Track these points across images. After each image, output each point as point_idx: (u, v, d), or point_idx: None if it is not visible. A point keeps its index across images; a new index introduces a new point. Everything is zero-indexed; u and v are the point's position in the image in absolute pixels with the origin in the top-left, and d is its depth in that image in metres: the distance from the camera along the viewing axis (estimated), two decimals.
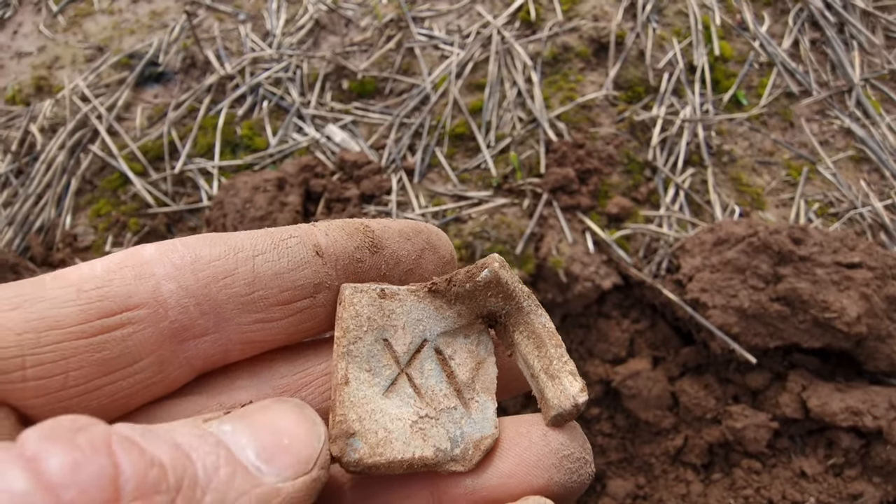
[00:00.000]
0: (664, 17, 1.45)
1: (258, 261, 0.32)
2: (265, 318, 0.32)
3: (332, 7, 1.49)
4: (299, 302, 0.33)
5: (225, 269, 0.31)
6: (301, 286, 0.33)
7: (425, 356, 0.35)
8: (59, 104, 1.40)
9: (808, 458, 0.96)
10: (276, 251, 0.32)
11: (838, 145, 1.33)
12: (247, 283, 0.31)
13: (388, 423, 0.32)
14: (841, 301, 0.88)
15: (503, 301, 0.35)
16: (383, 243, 0.35)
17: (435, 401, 0.34)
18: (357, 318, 0.34)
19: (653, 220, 1.20)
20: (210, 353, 0.32)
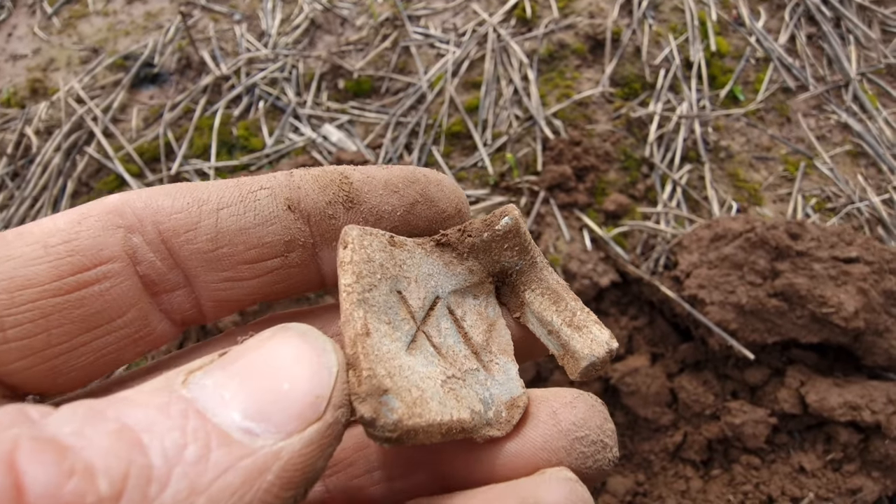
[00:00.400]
0: (660, 14, 1.44)
1: (222, 214, 0.29)
2: (233, 277, 0.29)
3: (328, 6, 1.49)
4: (269, 261, 0.30)
5: (187, 222, 0.28)
6: (269, 243, 0.29)
7: (440, 314, 0.31)
8: (54, 106, 1.40)
9: (806, 454, 0.96)
10: (243, 204, 0.29)
11: (835, 140, 1.32)
12: (209, 239, 0.28)
13: (420, 381, 0.27)
14: (838, 296, 0.88)
15: (518, 255, 0.32)
16: (361, 197, 0.31)
17: (457, 362, 0.30)
18: (370, 263, 0.29)
19: (650, 216, 1.20)
20: (185, 308, 0.30)
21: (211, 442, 0.20)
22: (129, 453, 0.18)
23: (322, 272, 0.32)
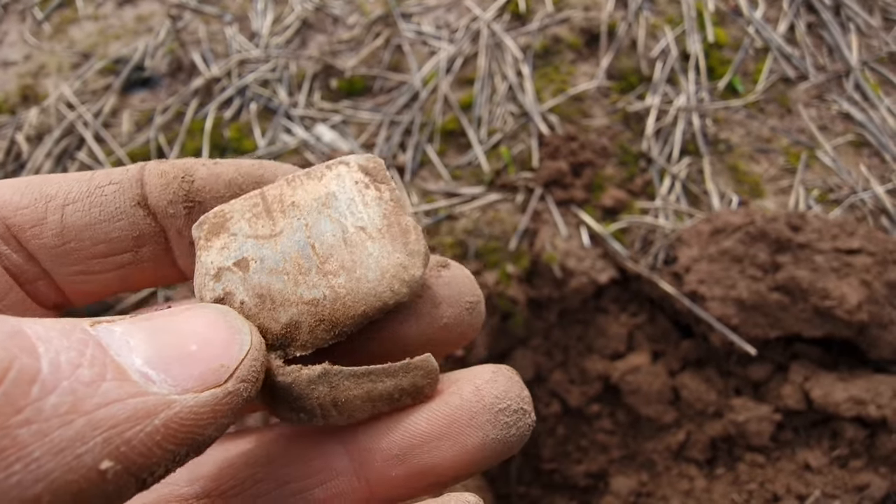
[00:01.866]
0: (656, 6, 1.42)
1: (68, 210, 0.29)
2: (85, 271, 0.29)
3: (319, 6, 1.47)
4: (119, 256, 0.30)
5: (33, 217, 0.28)
6: (116, 238, 0.29)
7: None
8: (44, 112, 1.39)
9: (812, 450, 0.94)
10: (89, 199, 0.29)
11: (837, 130, 1.30)
12: (55, 234, 0.28)
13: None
14: (841, 288, 0.86)
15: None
16: (202, 196, 0.30)
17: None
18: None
19: (649, 211, 1.18)
20: (52, 297, 0.30)
21: (106, 372, 0.19)
22: (19, 352, 0.17)
23: (178, 265, 0.32)
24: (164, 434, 0.20)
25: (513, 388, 0.29)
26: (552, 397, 1.15)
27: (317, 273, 0.28)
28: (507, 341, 1.15)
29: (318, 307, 0.28)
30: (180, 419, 0.20)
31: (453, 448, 0.28)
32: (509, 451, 0.29)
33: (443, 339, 0.31)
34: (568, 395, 1.14)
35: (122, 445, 0.18)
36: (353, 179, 0.30)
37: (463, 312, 0.31)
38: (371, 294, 0.28)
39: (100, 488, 0.18)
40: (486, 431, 0.28)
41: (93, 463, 0.18)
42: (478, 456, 0.28)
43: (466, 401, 0.29)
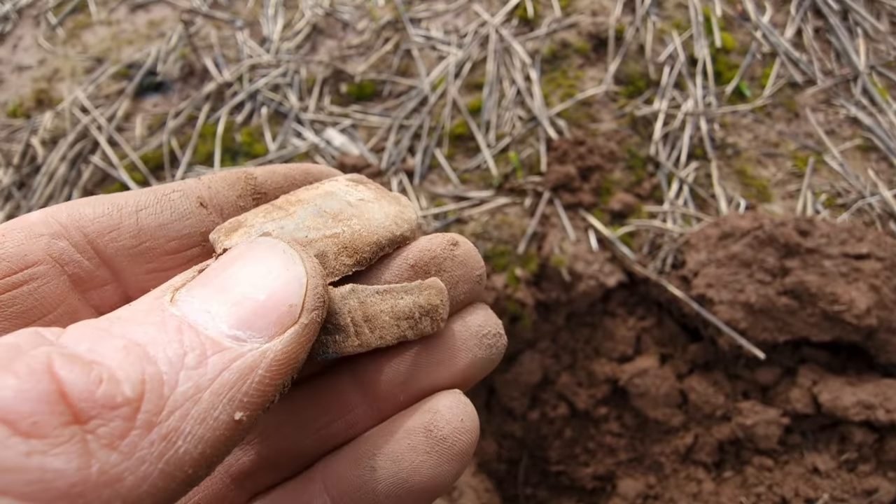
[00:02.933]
0: (664, 10, 1.43)
1: (142, 215, 0.33)
2: (158, 268, 0.33)
3: (329, 11, 1.49)
4: (189, 251, 0.34)
5: (110, 224, 0.32)
6: (187, 235, 0.33)
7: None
8: (59, 116, 1.41)
9: (820, 454, 0.94)
10: (160, 205, 0.33)
11: (845, 134, 1.30)
12: (133, 236, 0.32)
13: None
14: (850, 293, 0.87)
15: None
16: (266, 189, 0.36)
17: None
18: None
19: (657, 215, 1.19)
20: (114, 302, 0.33)
21: (206, 350, 0.24)
22: (142, 363, 0.22)
23: None
24: (270, 377, 0.24)
25: (490, 318, 0.36)
26: (560, 400, 1.16)
27: (333, 221, 0.34)
28: (515, 344, 1.16)
29: (339, 238, 0.33)
30: (277, 362, 0.25)
31: (449, 369, 0.34)
32: (491, 366, 0.36)
33: (460, 304, 0.37)
34: (575, 397, 1.14)
35: (243, 398, 0.23)
36: (344, 183, 0.38)
37: (475, 285, 0.37)
38: (381, 227, 0.35)
39: (238, 431, 0.24)
40: (474, 353, 0.35)
41: (228, 418, 0.23)
42: (468, 372, 0.35)
43: (456, 331, 0.35)
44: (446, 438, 0.32)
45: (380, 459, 0.32)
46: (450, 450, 0.32)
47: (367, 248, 0.34)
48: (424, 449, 0.32)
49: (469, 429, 0.33)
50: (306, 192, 0.36)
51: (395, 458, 0.32)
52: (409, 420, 0.33)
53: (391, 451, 0.32)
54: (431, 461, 0.32)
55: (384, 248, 0.34)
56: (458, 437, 0.32)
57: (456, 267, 0.36)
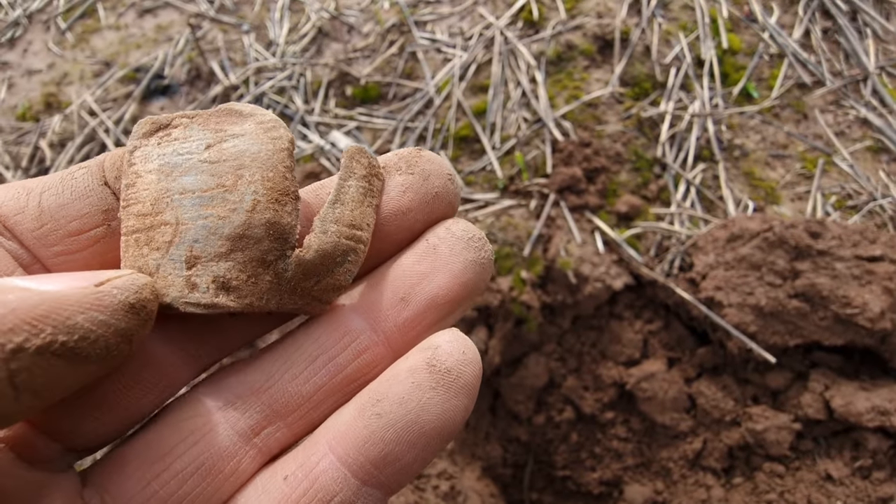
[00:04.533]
0: (669, 12, 1.42)
1: (44, 196, 0.33)
2: (64, 251, 0.33)
3: (335, 14, 1.49)
4: (91, 231, 0.33)
5: (15, 206, 0.32)
6: (87, 214, 0.33)
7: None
8: (67, 119, 1.42)
9: (833, 461, 0.92)
10: (62, 184, 0.33)
11: (854, 136, 1.29)
12: (34, 218, 0.32)
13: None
14: (863, 296, 0.85)
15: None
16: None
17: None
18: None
19: (664, 217, 1.18)
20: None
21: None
22: None
23: None
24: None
25: (470, 225, 0.36)
26: (566, 404, 1.15)
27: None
28: (521, 347, 1.15)
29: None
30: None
31: (444, 276, 0.34)
32: (486, 272, 0.35)
33: (437, 209, 0.36)
34: (582, 401, 1.13)
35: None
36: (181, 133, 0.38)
37: (447, 182, 0.36)
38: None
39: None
40: (465, 255, 0.34)
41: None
42: (465, 277, 0.34)
43: (442, 237, 0.35)
44: (451, 370, 0.31)
45: (385, 405, 0.30)
46: (455, 382, 0.31)
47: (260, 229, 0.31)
48: (430, 385, 0.30)
49: (472, 360, 0.32)
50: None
51: (400, 399, 0.30)
52: (410, 359, 0.32)
53: (395, 392, 0.30)
54: (439, 397, 0.30)
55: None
56: (462, 368, 0.31)
57: (424, 162, 0.36)
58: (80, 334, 0.25)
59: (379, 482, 0.30)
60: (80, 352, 0.25)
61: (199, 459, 0.31)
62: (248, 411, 0.32)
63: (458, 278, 0.34)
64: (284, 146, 0.32)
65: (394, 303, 0.33)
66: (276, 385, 0.33)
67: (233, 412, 0.32)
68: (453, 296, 0.34)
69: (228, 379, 0.33)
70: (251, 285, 0.31)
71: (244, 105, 0.34)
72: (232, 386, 0.33)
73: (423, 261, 0.34)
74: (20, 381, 0.24)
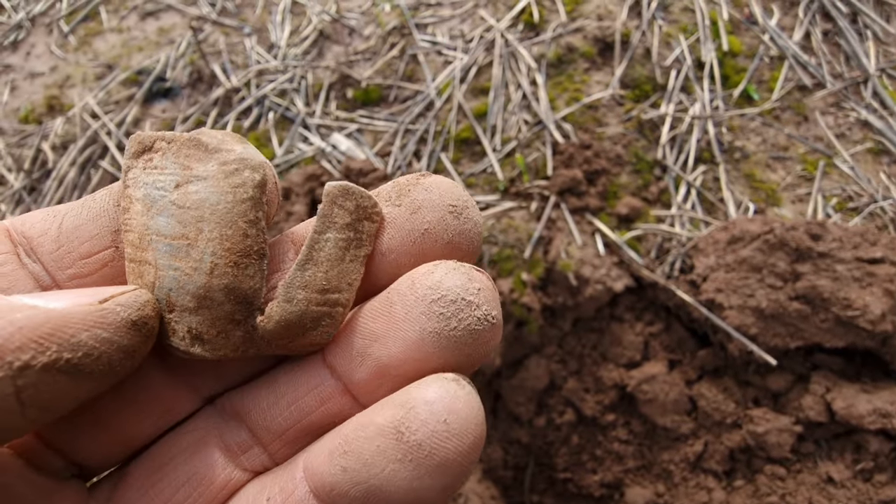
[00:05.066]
0: (670, 14, 1.43)
1: (66, 218, 0.32)
2: (77, 274, 0.32)
3: (336, 17, 1.50)
4: (101, 253, 0.32)
5: (41, 228, 0.32)
6: (97, 235, 0.32)
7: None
8: (69, 122, 1.42)
9: (835, 463, 0.92)
10: (83, 206, 0.32)
11: (855, 138, 1.29)
12: (53, 240, 0.32)
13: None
14: (864, 298, 0.85)
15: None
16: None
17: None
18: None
19: (664, 219, 1.18)
20: None
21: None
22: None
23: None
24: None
25: (455, 279, 0.27)
26: (567, 406, 1.15)
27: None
28: (522, 349, 1.15)
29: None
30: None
31: (397, 343, 0.28)
32: (459, 348, 0.27)
33: (430, 250, 0.29)
34: (582, 403, 1.13)
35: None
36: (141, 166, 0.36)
37: (445, 216, 0.29)
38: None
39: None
40: (422, 324, 0.27)
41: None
42: (421, 352, 0.27)
43: (401, 294, 0.28)
44: (421, 445, 0.25)
45: (350, 459, 0.26)
46: (428, 459, 0.25)
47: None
48: (396, 456, 0.25)
49: (456, 432, 0.25)
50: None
51: (364, 461, 0.26)
52: (382, 413, 0.27)
53: (361, 451, 0.26)
54: (406, 472, 0.25)
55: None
56: (438, 443, 0.25)
57: (419, 191, 0.29)
58: (83, 351, 0.25)
59: None
60: (83, 368, 0.25)
61: (193, 470, 0.31)
62: (236, 430, 0.32)
63: (414, 350, 0.27)
64: (247, 195, 0.29)
65: (351, 358, 0.29)
66: (258, 413, 0.32)
67: (224, 429, 0.32)
68: (406, 370, 0.28)
69: (222, 399, 0.33)
70: (223, 339, 0.30)
71: (212, 136, 0.30)
72: (225, 406, 0.33)
73: (378, 319, 0.29)
74: (26, 396, 0.24)
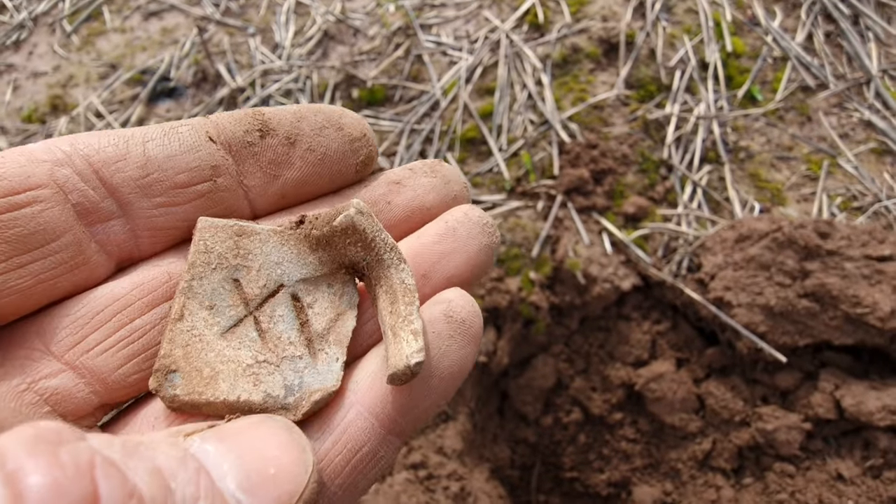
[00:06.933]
0: (674, 16, 1.43)
1: (149, 146, 0.32)
2: (167, 203, 0.32)
3: (340, 18, 1.50)
4: (199, 185, 0.33)
5: (116, 153, 0.31)
6: (196, 167, 0.33)
7: (279, 301, 0.34)
8: (74, 121, 1.42)
9: (844, 460, 0.92)
10: (167, 136, 0.32)
11: (859, 138, 1.30)
12: (139, 167, 0.31)
13: (219, 364, 0.32)
14: (873, 295, 0.85)
15: (363, 251, 0.34)
16: (273, 126, 0.35)
17: (279, 347, 0.33)
18: (206, 253, 0.33)
19: (671, 218, 1.18)
20: (122, 240, 0.32)
21: (215, 500, 0.24)
22: (164, 492, 0.22)
23: (250, 198, 0.36)
24: None
25: (483, 213, 0.38)
26: (574, 405, 1.15)
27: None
28: (529, 348, 1.15)
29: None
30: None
31: (461, 257, 0.36)
32: (493, 256, 0.38)
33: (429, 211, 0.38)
34: (590, 402, 1.13)
35: None
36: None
37: (463, 189, 0.40)
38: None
39: None
40: (481, 239, 0.37)
41: None
42: (478, 259, 0.37)
43: (461, 221, 0.37)
44: (465, 321, 0.34)
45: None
46: (469, 331, 0.34)
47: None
48: (448, 333, 0.33)
49: (479, 313, 0.35)
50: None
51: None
52: (426, 312, 0.34)
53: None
54: (456, 344, 0.33)
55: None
56: (473, 319, 0.34)
57: (445, 170, 0.39)
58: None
59: (400, 429, 0.32)
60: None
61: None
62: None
63: (473, 260, 0.37)
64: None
65: (416, 278, 0.35)
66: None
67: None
68: (467, 276, 0.37)
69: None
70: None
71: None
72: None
73: (443, 241, 0.36)
74: None
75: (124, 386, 0.32)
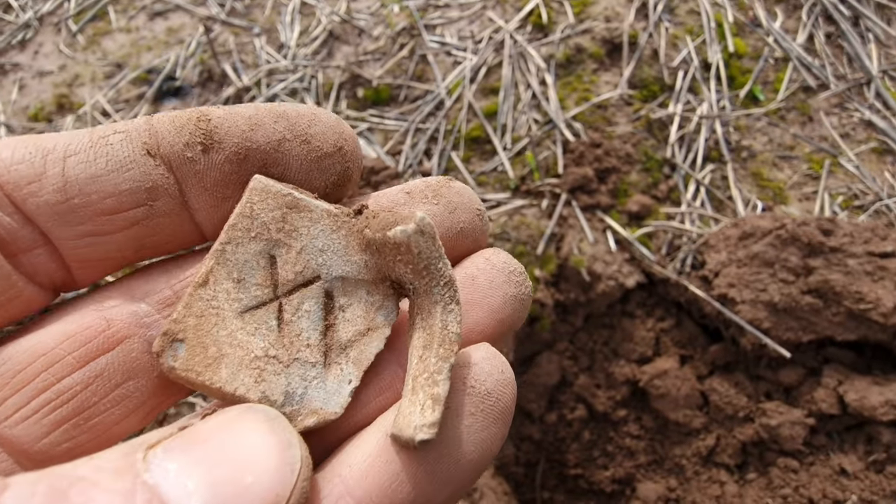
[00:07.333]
0: (676, 17, 1.45)
1: (70, 162, 0.26)
2: (93, 231, 0.27)
3: (345, 18, 1.51)
4: (130, 211, 0.27)
5: (30, 173, 0.26)
6: (127, 191, 0.27)
7: (311, 294, 0.30)
8: (80, 120, 1.42)
9: (847, 455, 0.93)
10: (93, 150, 0.27)
11: (859, 137, 1.31)
12: (57, 190, 0.26)
13: (227, 346, 0.28)
14: (876, 292, 0.86)
15: (412, 275, 0.29)
16: (219, 136, 0.28)
17: (294, 346, 0.29)
18: (249, 218, 0.29)
19: (674, 216, 1.19)
20: (51, 269, 0.27)
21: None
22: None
23: (197, 222, 0.30)
24: None
25: (511, 258, 0.33)
26: (578, 402, 1.15)
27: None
28: (534, 345, 1.15)
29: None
30: None
31: (481, 310, 0.31)
32: (524, 308, 0.32)
33: (461, 245, 0.32)
34: (594, 399, 1.14)
35: None
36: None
37: (475, 218, 0.32)
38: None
39: None
40: (505, 290, 0.31)
41: None
42: (503, 313, 0.31)
43: (482, 268, 0.32)
44: (491, 392, 0.27)
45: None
46: (496, 406, 0.27)
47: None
48: (469, 410, 0.26)
49: (510, 381, 0.28)
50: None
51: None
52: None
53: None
54: (478, 423, 0.26)
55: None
56: (502, 390, 0.27)
57: (452, 194, 0.32)
58: None
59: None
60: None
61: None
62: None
63: (497, 314, 0.31)
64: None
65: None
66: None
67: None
68: (490, 332, 0.31)
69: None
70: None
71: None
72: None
73: (464, 291, 0.31)
74: None
75: (52, 457, 0.26)
